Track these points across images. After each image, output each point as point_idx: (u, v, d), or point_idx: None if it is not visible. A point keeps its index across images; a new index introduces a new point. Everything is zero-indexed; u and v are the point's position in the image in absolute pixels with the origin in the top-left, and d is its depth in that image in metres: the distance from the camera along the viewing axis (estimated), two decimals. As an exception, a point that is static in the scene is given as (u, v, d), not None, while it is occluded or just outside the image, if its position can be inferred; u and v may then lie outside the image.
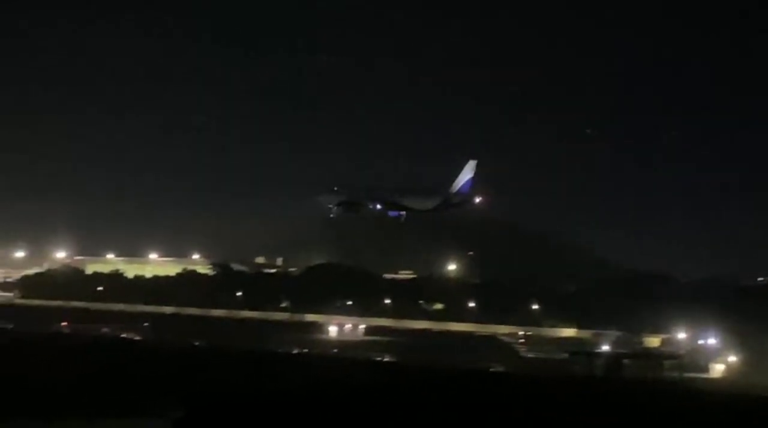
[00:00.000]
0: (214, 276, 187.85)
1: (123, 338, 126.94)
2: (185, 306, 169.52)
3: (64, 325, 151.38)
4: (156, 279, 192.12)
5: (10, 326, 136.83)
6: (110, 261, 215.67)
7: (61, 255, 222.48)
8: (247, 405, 41.73)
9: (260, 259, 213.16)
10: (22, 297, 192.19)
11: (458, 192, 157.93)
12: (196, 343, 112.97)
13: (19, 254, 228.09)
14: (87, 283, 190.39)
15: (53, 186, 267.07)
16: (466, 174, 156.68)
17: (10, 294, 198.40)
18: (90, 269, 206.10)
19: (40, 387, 40.32)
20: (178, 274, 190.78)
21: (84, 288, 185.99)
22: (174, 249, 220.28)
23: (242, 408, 40.70)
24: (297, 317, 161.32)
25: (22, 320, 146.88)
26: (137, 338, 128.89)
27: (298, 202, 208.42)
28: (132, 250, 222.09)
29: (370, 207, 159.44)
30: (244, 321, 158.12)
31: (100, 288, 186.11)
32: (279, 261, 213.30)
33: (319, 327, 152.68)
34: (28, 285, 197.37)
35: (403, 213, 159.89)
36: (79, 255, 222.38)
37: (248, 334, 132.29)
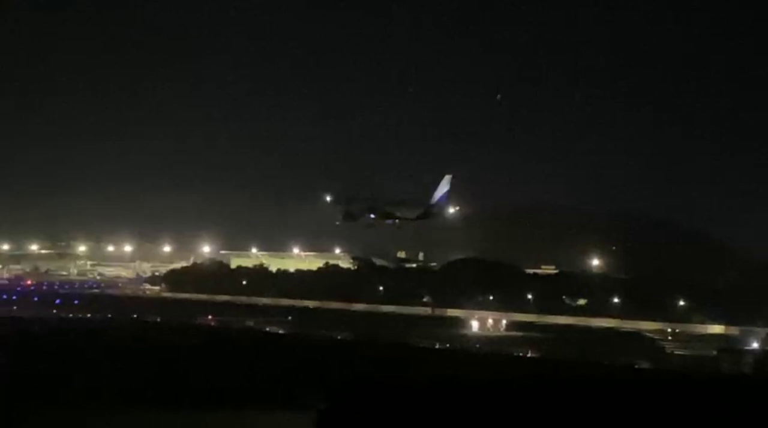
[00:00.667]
0: (356, 270, 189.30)
1: (267, 331, 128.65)
2: (327, 300, 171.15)
3: (209, 318, 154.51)
4: (299, 273, 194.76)
5: (158, 319, 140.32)
6: (254, 256, 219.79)
7: (206, 249, 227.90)
8: (390, 398, 41.33)
9: (401, 254, 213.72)
10: (169, 290, 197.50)
11: (437, 202, 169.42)
12: (339, 337, 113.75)
13: (166, 249, 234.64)
14: (231, 277, 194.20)
15: (199, 180, 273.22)
16: (443, 187, 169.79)
17: (157, 288, 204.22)
18: (234, 263, 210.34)
19: (187, 379, 40.73)
20: (320, 268, 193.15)
21: (229, 282, 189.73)
22: (316, 243, 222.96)
23: (385, 401, 40.31)
24: (438, 312, 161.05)
25: (168, 313, 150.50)
26: (281, 331, 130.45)
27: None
28: (275, 245, 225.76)
29: (366, 216, 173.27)
30: (385, 315, 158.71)
31: (244, 282, 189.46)
32: (420, 255, 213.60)
33: (460, 322, 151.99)
34: (174, 279, 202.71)
35: (397, 221, 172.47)
36: (224, 249, 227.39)
37: (390, 328, 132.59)
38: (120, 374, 36.80)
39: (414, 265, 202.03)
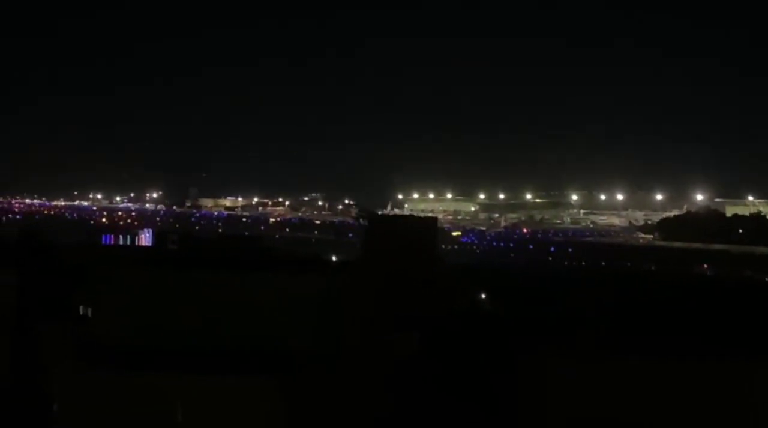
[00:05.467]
0: None
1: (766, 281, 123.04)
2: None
3: (704, 267, 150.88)
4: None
5: (652, 267, 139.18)
6: (750, 204, 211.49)
7: (700, 197, 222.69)
8: None
9: None
10: (662, 239, 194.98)
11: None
12: None
13: (659, 197, 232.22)
14: (727, 225, 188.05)
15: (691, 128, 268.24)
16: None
17: (650, 237, 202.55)
18: (730, 211, 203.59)
19: (692, 327, 39.65)
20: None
21: (724, 230, 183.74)
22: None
23: None
24: None
25: (661, 262, 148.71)
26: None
27: None
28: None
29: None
30: None
31: (740, 231, 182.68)
32: None
33: None
34: (668, 227, 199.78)
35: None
36: (718, 197, 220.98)
37: None
38: (622, 322, 36.64)
39: None
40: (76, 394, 25.40)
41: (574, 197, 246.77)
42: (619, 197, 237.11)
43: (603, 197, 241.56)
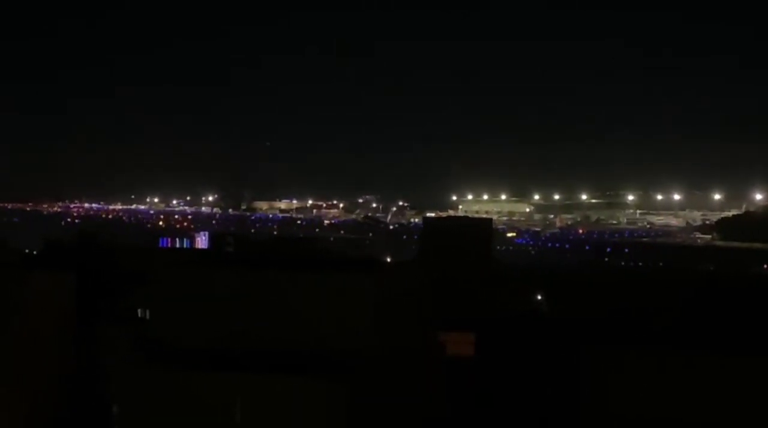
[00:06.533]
0: None
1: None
2: None
3: (765, 267, 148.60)
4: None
5: (711, 268, 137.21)
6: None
7: (759, 197, 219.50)
8: None
9: None
10: (721, 239, 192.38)
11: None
12: None
13: (717, 197, 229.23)
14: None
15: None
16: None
17: (708, 237, 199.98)
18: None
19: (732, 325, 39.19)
20: None
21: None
22: None
23: None
24: None
25: (719, 263, 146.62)
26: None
27: None
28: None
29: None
30: None
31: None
32: None
33: None
34: (726, 227, 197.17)
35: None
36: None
37: None
38: (682, 320, 36.29)
39: None
40: (136, 393, 25.66)
41: (630, 197, 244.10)
42: (676, 197, 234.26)
43: (660, 197, 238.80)
